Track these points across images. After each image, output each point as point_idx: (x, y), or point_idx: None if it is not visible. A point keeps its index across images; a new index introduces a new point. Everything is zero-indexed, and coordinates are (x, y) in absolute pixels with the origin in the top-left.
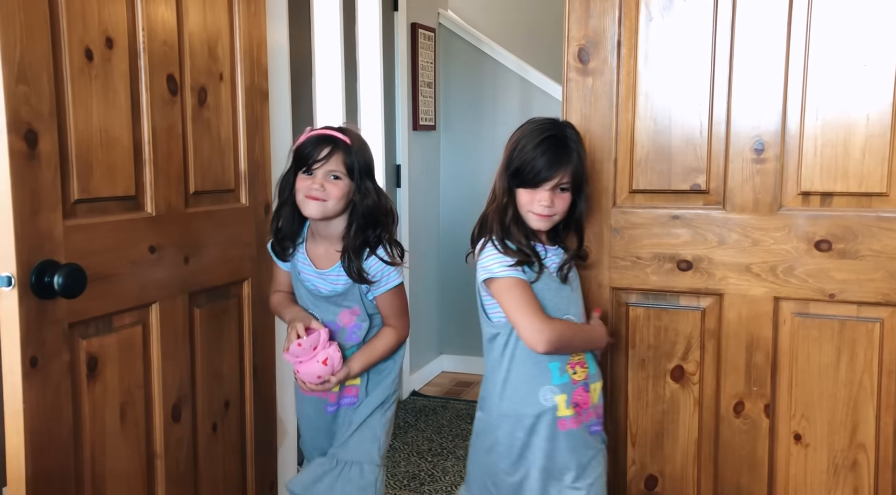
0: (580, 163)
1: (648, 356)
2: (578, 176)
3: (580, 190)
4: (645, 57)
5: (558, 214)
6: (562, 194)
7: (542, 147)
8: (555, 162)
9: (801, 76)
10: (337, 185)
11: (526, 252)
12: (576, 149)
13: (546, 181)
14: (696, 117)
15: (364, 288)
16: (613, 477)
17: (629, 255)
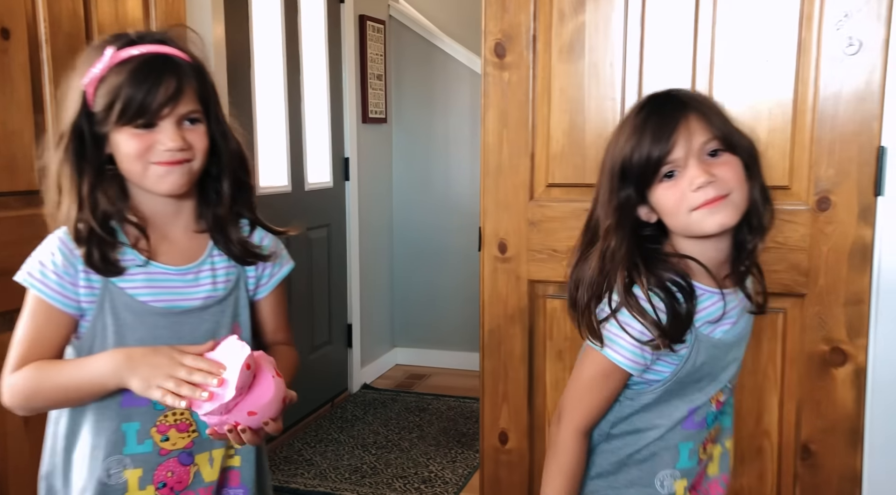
0: (722, 122)
1: (565, 347)
2: (728, 136)
3: (742, 152)
4: (559, 52)
5: (735, 188)
6: (717, 159)
7: (643, 117)
8: (668, 122)
9: (708, 72)
10: (198, 132)
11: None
12: (700, 108)
13: (668, 151)
14: (609, 112)
15: (251, 283)
16: (531, 468)
17: (546, 248)
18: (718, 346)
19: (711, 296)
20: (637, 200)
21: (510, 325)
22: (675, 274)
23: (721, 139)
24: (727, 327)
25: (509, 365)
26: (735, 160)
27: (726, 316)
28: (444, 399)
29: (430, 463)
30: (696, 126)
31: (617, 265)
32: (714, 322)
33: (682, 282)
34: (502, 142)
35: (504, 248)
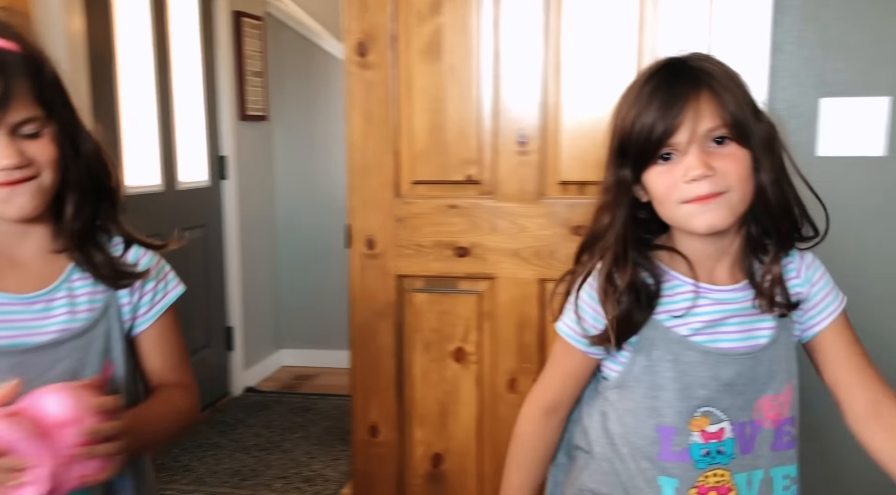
0: (737, 104)
1: (432, 339)
2: (741, 122)
3: (754, 141)
4: (419, 52)
5: (734, 187)
6: (722, 149)
7: (653, 86)
8: (675, 100)
9: (556, 75)
10: (40, 142)
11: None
12: (716, 84)
13: (671, 133)
14: (468, 111)
15: (126, 312)
16: (401, 459)
17: (412, 244)
18: (694, 350)
19: (681, 284)
20: (633, 179)
21: (379, 320)
22: (651, 273)
23: (732, 126)
24: (722, 335)
25: (379, 359)
26: (741, 153)
27: (723, 322)
28: (329, 398)
29: (313, 462)
30: (706, 107)
31: (607, 246)
32: (679, 315)
33: (652, 285)
34: (367, 141)
35: (372, 245)
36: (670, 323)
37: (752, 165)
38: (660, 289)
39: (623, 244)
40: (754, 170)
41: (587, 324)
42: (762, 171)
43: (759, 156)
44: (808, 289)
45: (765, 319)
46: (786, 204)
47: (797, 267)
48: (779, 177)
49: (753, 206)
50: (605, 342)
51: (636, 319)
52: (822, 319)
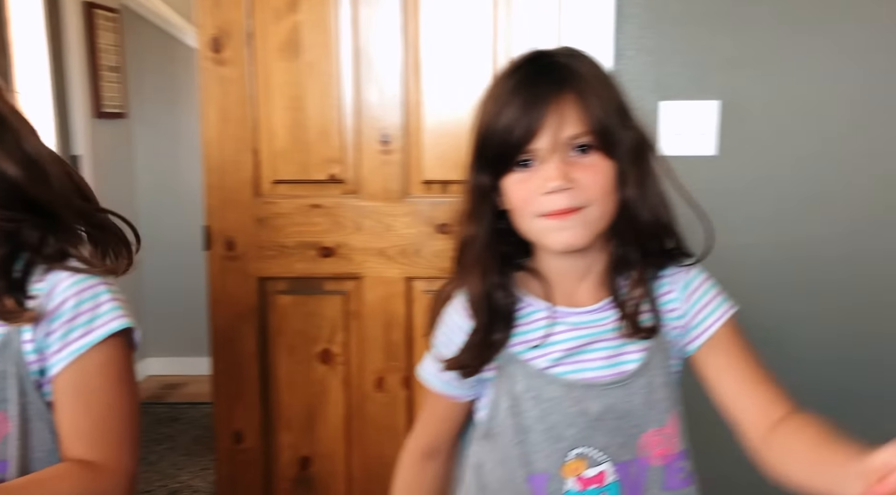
0: (605, 109)
1: (298, 342)
2: (607, 129)
3: (621, 151)
4: (277, 50)
5: (595, 202)
6: (584, 159)
7: (515, 83)
8: (537, 101)
9: (416, 74)
10: None
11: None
12: (584, 85)
13: (529, 138)
14: (330, 110)
15: (29, 352)
16: (267, 465)
17: (275, 245)
18: (556, 383)
19: (537, 310)
20: (491, 186)
21: (241, 324)
22: (506, 296)
23: (596, 133)
24: (585, 363)
25: (241, 364)
26: (605, 164)
27: (585, 348)
28: (199, 406)
29: (181, 473)
30: (571, 111)
31: (469, 263)
32: (536, 345)
33: (509, 310)
34: (224, 139)
35: (232, 246)
36: (528, 354)
37: (617, 178)
38: (512, 315)
39: (486, 258)
40: (619, 183)
41: (452, 348)
42: (628, 185)
43: (625, 168)
44: (685, 303)
45: (633, 341)
46: (652, 221)
47: (672, 281)
48: (646, 191)
49: (617, 223)
50: (462, 366)
51: (493, 342)
52: (703, 331)
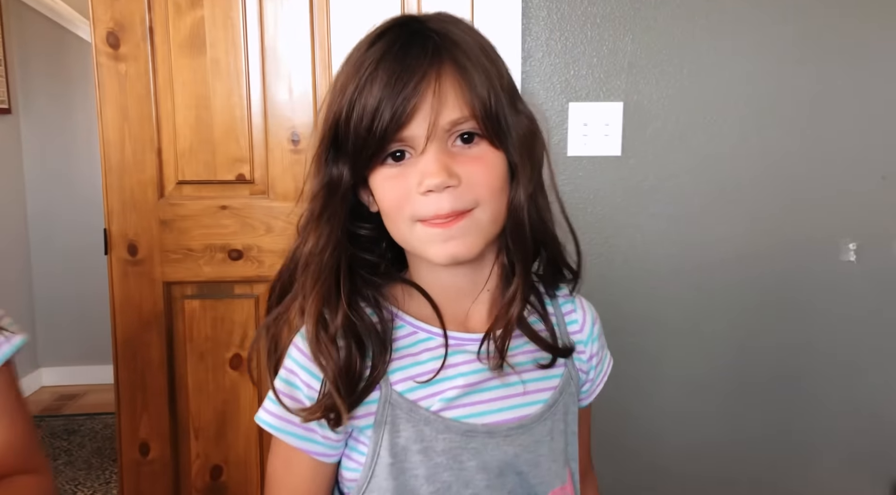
0: (491, 87)
1: (207, 348)
2: (495, 113)
3: (511, 140)
4: (179, 46)
5: (485, 201)
6: (469, 149)
7: (379, 52)
8: (409, 75)
9: (326, 73)
10: None
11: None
12: (466, 51)
13: (400, 124)
14: (236, 108)
15: None
16: (177, 475)
17: (181, 248)
18: (451, 431)
19: (428, 338)
20: (352, 182)
21: (146, 332)
22: (378, 317)
23: (483, 118)
24: (486, 404)
25: (147, 373)
26: (494, 155)
27: (485, 385)
28: (99, 417)
29: (80, 488)
30: (451, 90)
31: (315, 277)
32: (425, 381)
33: (383, 333)
34: (124, 138)
35: (135, 250)
36: (414, 394)
37: (507, 173)
38: (387, 340)
39: (335, 273)
40: (510, 178)
41: (301, 394)
42: (520, 181)
43: (515, 160)
44: (591, 345)
45: (539, 377)
46: (542, 227)
47: (580, 318)
48: (536, 191)
49: (506, 228)
50: (327, 410)
51: (363, 372)
52: (595, 388)
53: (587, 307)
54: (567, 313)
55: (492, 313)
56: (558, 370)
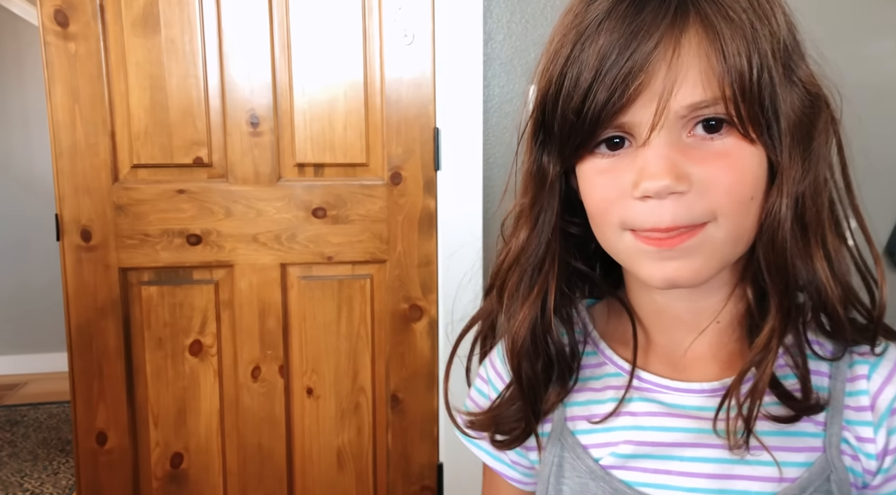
0: (755, 47)
1: (165, 334)
2: (756, 86)
3: (778, 128)
4: (132, 25)
5: (725, 214)
6: (712, 143)
7: (604, 10)
8: (638, 40)
9: (286, 54)
10: None
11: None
12: (720, 12)
13: (620, 105)
14: (193, 90)
15: None
16: (135, 463)
17: (137, 233)
18: (616, 491)
19: (615, 372)
20: (561, 171)
21: (101, 319)
22: (572, 335)
23: (739, 99)
24: (676, 477)
25: (104, 360)
26: (747, 151)
27: (680, 451)
28: (43, 407)
29: (27, 480)
30: (695, 61)
31: (525, 285)
32: (598, 422)
33: (569, 356)
34: (75, 120)
35: (88, 236)
36: (589, 437)
37: (765, 174)
38: (573, 365)
39: (546, 279)
40: (770, 183)
41: (483, 401)
42: (783, 186)
43: (778, 156)
44: (883, 433)
45: (761, 461)
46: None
47: (874, 387)
48: (817, 198)
49: (759, 250)
50: (489, 426)
51: (541, 401)
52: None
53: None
54: (855, 378)
55: (718, 357)
56: (808, 454)
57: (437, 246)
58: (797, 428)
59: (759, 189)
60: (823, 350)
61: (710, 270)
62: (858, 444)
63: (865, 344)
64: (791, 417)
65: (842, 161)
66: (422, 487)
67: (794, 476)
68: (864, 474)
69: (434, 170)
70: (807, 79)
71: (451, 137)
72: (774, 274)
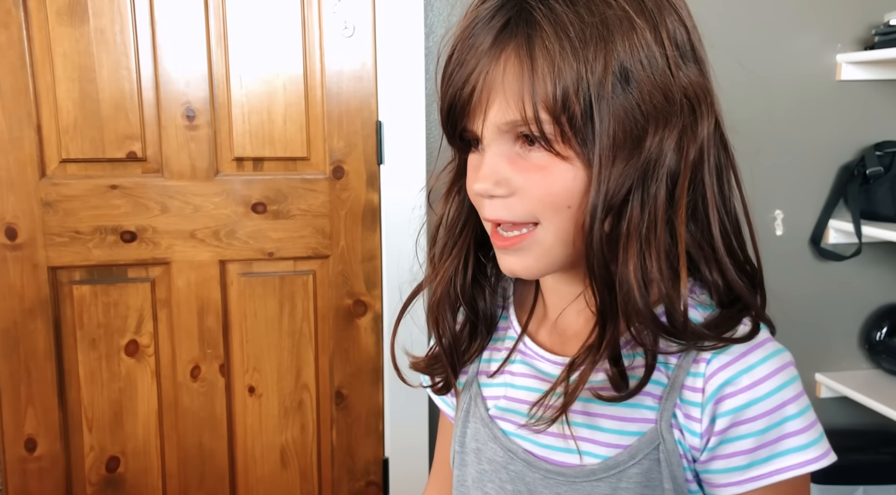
0: (574, 59)
1: (99, 335)
2: (564, 101)
3: (596, 139)
4: (58, 14)
5: (545, 216)
6: (530, 153)
7: (467, 21)
8: (471, 57)
9: (223, 45)
10: None
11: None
12: (551, 17)
13: (463, 114)
14: (125, 82)
15: None
16: (68, 469)
17: (67, 230)
18: (497, 443)
19: (512, 337)
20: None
21: (30, 320)
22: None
23: (546, 117)
24: (538, 435)
25: (32, 364)
26: (560, 166)
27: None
28: None
29: None
30: (511, 76)
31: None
32: (490, 376)
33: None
34: None
35: (14, 234)
36: (486, 390)
37: (585, 183)
38: (492, 327)
39: (465, 247)
40: (594, 186)
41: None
42: (591, 196)
43: (593, 171)
44: (705, 418)
45: (610, 428)
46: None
47: (709, 371)
48: (644, 206)
49: None
50: (423, 370)
51: (465, 353)
52: (729, 483)
53: (743, 363)
54: (699, 361)
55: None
56: (641, 425)
57: (382, 240)
58: (635, 400)
59: (574, 199)
60: (665, 345)
61: (543, 267)
62: (685, 422)
63: (708, 342)
64: (614, 398)
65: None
66: (367, 482)
67: (626, 443)
68: (690, 450)
69: (377, 163)
70: (646, 85)
71: (393, 131)
72: (591, 275)
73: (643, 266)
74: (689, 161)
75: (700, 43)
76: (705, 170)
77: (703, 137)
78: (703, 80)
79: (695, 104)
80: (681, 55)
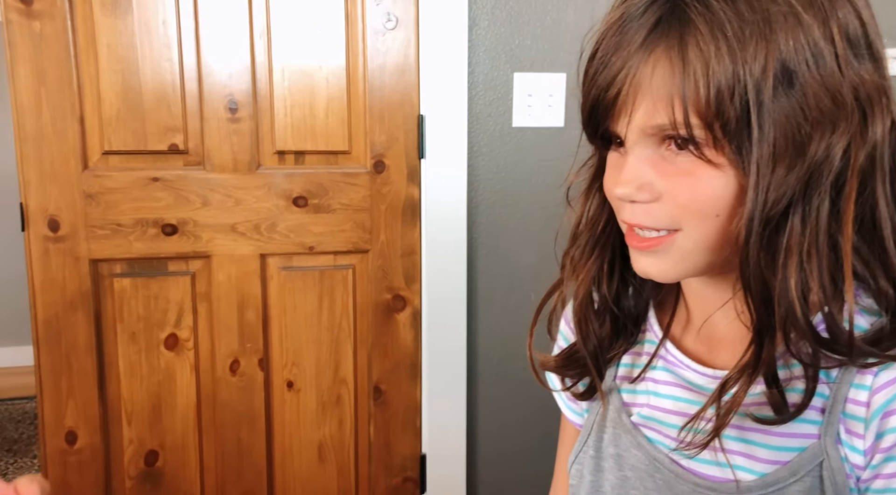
0: (731, 60)
1: (139, 328)
2: (718, 103)
3: (753, 144)
4: (102, 5)
5: (687, 224)
6: (677, 158)
7: (614, 17)
8: (617, 56)
9: (266, 38)
10: None
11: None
12: (707, 16)
13: (607, 114)
14: (168, 74)
15: None
16: (107, 462)
17: (109, 223)
18: (642, 450)
19: (652, 340)
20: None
21: (71, 313)
22: (638, 302)
23: (697, 121)
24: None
25: (73, 356)
26: (709, 172)
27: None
28: None
29: None
30: (661, 83)
31: (586, 254)
32: (631, 382)
33: (632, 322)
34: (41, 104)
35: (56, 226)
36: (627, 395)
37: (734, 190)
38: (635, 331)
39: (609, 247)
40: (751, 197)
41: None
42: (748, 205)
43: (748, 180)
44: (870, 436)
45: (767, 444)
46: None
47: (875, 385)
48: (807, 216)
49: None
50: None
51: (598, 359)
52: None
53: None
54: (864, 373)
55: (744, 344)
56: (801, 440)
57: (421, 235)
58: None
59: (724, 208)
60: (826, 361)
61: (680, 272)
62: (846, 437)
63: (873, 358)
64: (773, 421)
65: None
66: (404, 479)
67: (785, 459)
68: (853, 468)
69: (418, 158)
70: (810, 87)
71: (435, 125)
72: (747, 289)
73: (803, 280)
74: (857, 168)
75: (878, 36)
76: (877, 177)
77: (876, 141)
78: (878, 78)
79: (867, 105)
80: (853, 51)
